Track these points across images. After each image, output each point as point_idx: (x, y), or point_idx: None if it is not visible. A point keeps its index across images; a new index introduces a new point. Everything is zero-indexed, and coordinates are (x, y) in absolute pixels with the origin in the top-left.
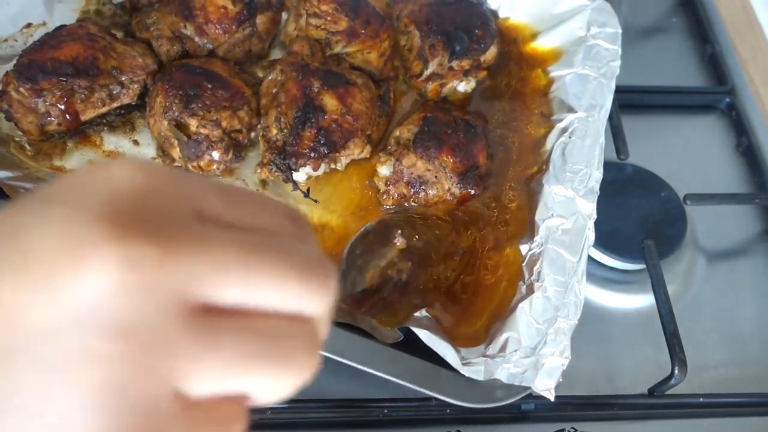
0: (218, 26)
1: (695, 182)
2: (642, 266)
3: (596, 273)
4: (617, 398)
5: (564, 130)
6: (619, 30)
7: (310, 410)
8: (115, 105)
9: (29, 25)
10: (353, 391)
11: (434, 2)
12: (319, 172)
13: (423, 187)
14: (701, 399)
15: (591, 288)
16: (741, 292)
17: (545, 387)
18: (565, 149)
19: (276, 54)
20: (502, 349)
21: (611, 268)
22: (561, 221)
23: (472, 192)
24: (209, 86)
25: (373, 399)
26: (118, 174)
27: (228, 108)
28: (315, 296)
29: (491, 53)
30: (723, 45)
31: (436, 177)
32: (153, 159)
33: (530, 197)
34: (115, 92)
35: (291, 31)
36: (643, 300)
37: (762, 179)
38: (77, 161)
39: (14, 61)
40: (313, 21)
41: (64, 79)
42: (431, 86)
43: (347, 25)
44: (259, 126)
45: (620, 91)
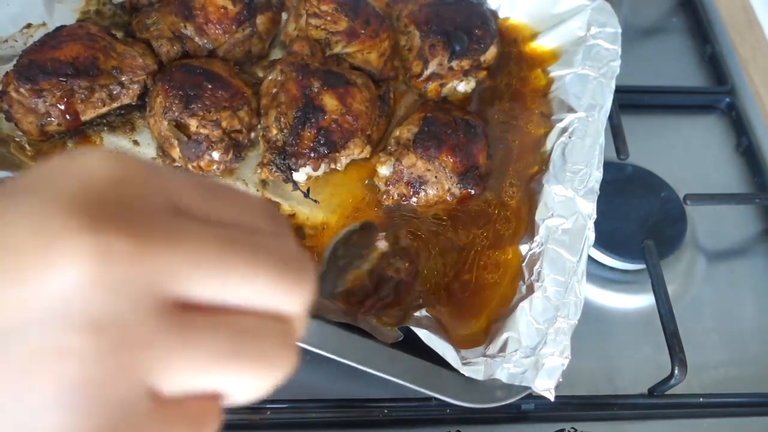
0: (218, 26)
1: (695, 182)
2: (642, 266)
3: (596, 273)
4: (617, 398)
5: (564, 130)
6: (619, 30)
7: (310, 410)
8: (115, 105)
9: (29, 26)
10: (353, 391)
11: (434, 2)
12: (319, 172)
13: (423, 187)
14: (701, 399)
15: (591, 288)
16: (741, 292)
17: (545, 387)
18: (565, 149)
19: (276, 54)
20: (502, 349)
21: (611, 268)
22: (561, 221)
23: (472, 192)
24: (209, 86)
25: (373, 399)
26: (91, 165)
27: (228, 108)
28: (292, 294)
29: (491, 53)
30: (723, 45)
31: (436, 177)
32: (153, 159)
33: (530, 197)
34: (115, 92)
35: (291, 31)
36: (643, 300)
37: (762, 179)
38: None
39: (14, 62)
40: (313, 21)
41: (64, 80)
42: (431, 86)
43: (347, 25)
44: (259, 126)
45: (620, 91)
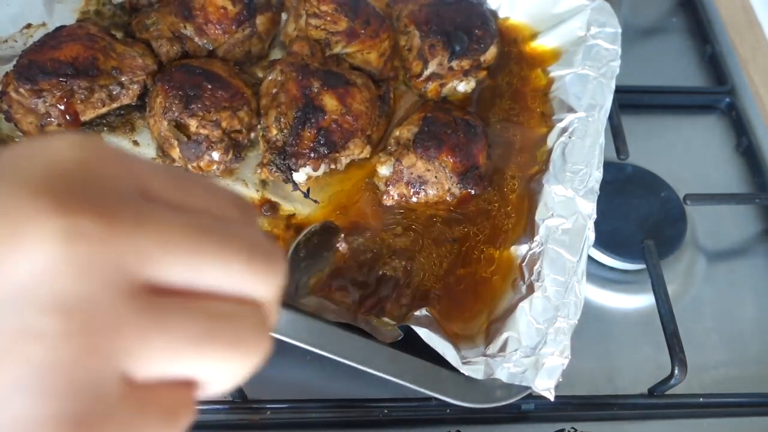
0: (218, 27)
1: (695, 182)
2: (642, 266)
3: (596, 273)
4: (617, 398)
5: (564, 130)
6: (619, 30)
7: (310, 410)
8: (115, 105)
9: (29, 26)
10: (353, 391)
11: (434, 2)
12: (319, 173)
13: (423, 187)
14: (701, 399)
15: (591, 288)
16: (741, 292)
17: (545, 387)
18: (565, 149)
19: (276, 54)
20: (502, 349)
21: (611, 268)
22: (561, 221)
23: (472, 192)
24: (209, 87)
25: (373, 399)
26: (58, 148)
27: (228, 108)
28: (263, 279)
29: (491, 53)
30: (723, 45)
31: (436, 177)
32: (153, 159)
33: (530, 197)
34: (115, 93)
35: (291, 32)
36: (643, 300)
37: (762, 179)
38: None
39: (14, 62)
40: (313, 21)
41: (64, 80)
42: (431, 86)
43: (347, 26)
44: (259, 126)
45: (620, 91)
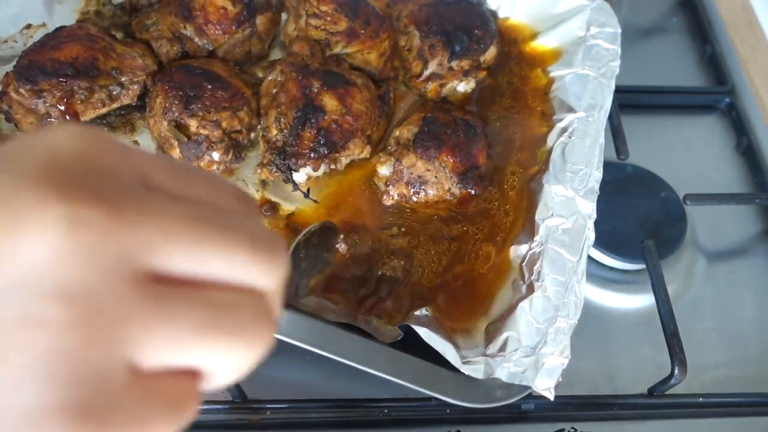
0: (218, 27)
1: (695, 182)
2: (642, 266)
3: (596, 273)
4: (617, 398)
5: (564, 130)
6: (619, 30)
7: (310, 410)
8: (115, 106)
9: (29, 26)
10: (353, 391)
11: (434, 2)
12: (319, 173)
13: (423, 187)
14: (701, 399)
15: (591, 288)
16: (741, 292)
17: (545, 386)
18: (565, 149)
19: (276, 54)
20: (502, 349)
21: (611, 268)
22: (561, 221)
23: (472, 192)
24: (209, 87)
25: (373, 399)
26: (60, 138)
27: (228, 108)
28: (265, 269)
29: (491, 53)
30: (723, 45)
31: (436, 177)
32: None
33: (530, 197)
34: (115, 93)
35: (291, 32)
36: (643, 300)
37: (762, 179)
38: None
39: (14, 62)
40: (313, 21)
41: (64, 80)
42: (431, 86)
43: (347, 26)
44: (259, 126)
45: (620, 91)
